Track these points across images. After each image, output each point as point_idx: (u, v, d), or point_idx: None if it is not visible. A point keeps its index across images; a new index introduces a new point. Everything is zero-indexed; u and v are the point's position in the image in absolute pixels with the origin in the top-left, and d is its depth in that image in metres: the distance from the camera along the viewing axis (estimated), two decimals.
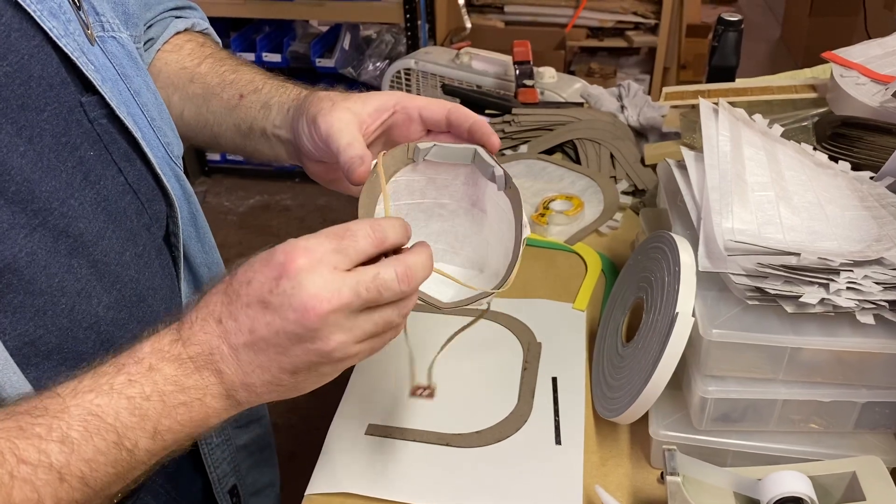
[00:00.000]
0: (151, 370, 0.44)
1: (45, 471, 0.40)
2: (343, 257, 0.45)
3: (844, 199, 0.70)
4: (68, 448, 0.41)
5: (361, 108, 0.59)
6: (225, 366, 0.45)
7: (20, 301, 0.48)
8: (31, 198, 0.48)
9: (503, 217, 0.59)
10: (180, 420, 0.45)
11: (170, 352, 0.45)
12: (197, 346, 0.45)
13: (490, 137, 0.58)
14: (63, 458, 0.40)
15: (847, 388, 0.60)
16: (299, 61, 2.60)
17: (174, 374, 0.45)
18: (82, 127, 0.52)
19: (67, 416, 0.41)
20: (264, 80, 0.69)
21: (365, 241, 0.46)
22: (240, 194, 2.87)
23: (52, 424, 0.41)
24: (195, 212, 0.65)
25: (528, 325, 0.81)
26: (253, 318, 0.45)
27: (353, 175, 0.55)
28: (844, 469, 0.58)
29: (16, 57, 0.47)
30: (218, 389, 0.46)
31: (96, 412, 0.42)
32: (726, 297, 0.61)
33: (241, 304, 0.45)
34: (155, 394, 0.44)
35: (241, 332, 0.45)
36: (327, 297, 0.43)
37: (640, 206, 0.99)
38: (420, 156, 0.59)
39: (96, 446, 0.42)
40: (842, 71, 0.95)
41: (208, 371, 0.45)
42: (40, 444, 0.40)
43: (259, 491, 0.78)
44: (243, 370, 0.45)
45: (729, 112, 0.76)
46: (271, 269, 0.45)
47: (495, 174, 0.58)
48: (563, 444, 0.67)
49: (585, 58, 2.73)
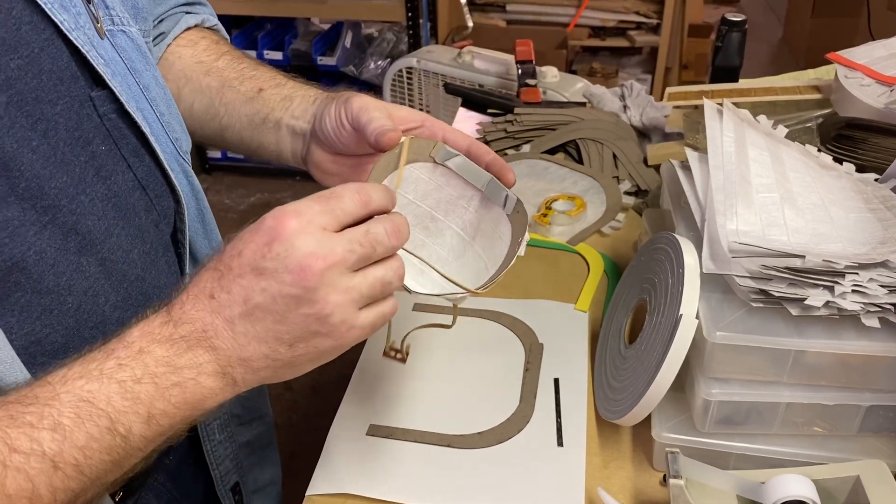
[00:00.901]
0: (142, 353, 0.43)
1: (37, 459, 0.39)
2: (331, 218, 0.45)
3: (849, 201, 0.70)
4: (60, 435, 0.40)
5: (394, 109, 0.61)
6: (219, 341, 0.44)
7: (27, 300, 0.47)
8: (40, 194, 0.47)
9: (495, 244, 0.59)
10: (174, 402, 0.43)
11: (160, 333, 0.44)
12: (189, 324, 0.44)
13: (507, 173, 0.59)
14: (56, 446, 0.40)
15: (851, 392, 0.60)
16: (301, 59, 2.60)
17: (165, 354, 0.44)
18: (92, 122, 0.52)
19: (58, 404, 0.41)
20: (287, 78, 0.70)
21: (351, 202, 0.47)
22: (240, 192, 2.87)
23: (43, 412, 0.40)
24: (203, 208, 0.65)
25: (530, 325, 0.80)
26: (247, 287, 0.44)
27: (383, 138, 0.55)
28: (848, 473, 0.57)
29: (27, 50, 0.47)
30: (212, 367, 0.44)
31: (87, 398, 0.41)
32: (730, 300, 0.61)
33: (234, 275, 0.44)
34: (146, 376, 0.43)
35: (236, 303, 0.44)
36: (322, 256, 0.44)
37: (642, 206, 0.98)
38: (443, 158, 0.60)
39: (89, 433, 0.41)
40: (846, 72, 0.95)
41: (201, 349, 0.44)
42: (32, 433, 0.39)
43: (261, 489, 0.78)
44: (239, 343, 0.44)
45: (733, 113, 0.76)
46: (262, 236, 0.44)
47: (508, 197, 0.59)
48: (565, 446, 0.67)
49: (587, 57, 2.73)
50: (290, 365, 0.46)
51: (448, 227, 0.61)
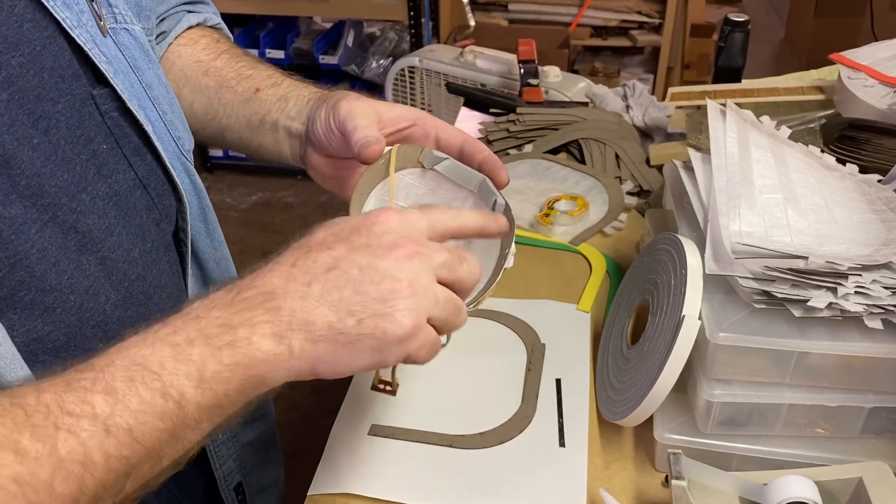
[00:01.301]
0: (198, 318, 0.43)
1: (89, 421, 0.38)
2: (428, 224, 0.48)
3: (852, 202, 0.70)
4: (112, 398, 0.39)
5: (385, 110, 0.60)
6: (286, 301, 0.43)
7: (30, 298, 0.47)
8: (41, 193, 0.47)
9: (489, 251, 0.58)
10: (227, 363, 0.41)
11: (222, 300, 0.44)
12: (255, 289, 0.44)
13: (500, 172, 0.59)
14: (108, 409, 0.39)
15: (854, 393, 0.60)
16: (303, 58, 2.60)
17: (222, 315, 0.43)
18: (94, 120, 0.52)
19: (112, 368, 0.40)
20: (284, 77, 0.69)
21: (451, 220, 0.50)
22: (242, 191, 2.87)
23: (98, 377, 0.40)
24: (205, 207, 0.65)
25: (532, 325, 0.80)
26: (336, 256, 0.45)
27: (366, 151, 0.55)
28: (851, 474, 0.57)
29: (28, 48, 0.47)
30: (270, 328, 0.43)
31: (140, 361, 0.40)
32: (733, 301, 0.61)
33: (325, 247, 0.45)
34: (200, 337, 0.42)
35: (319, 269, 0.44)
36: (416, 242, 0.46)
37: (645, 206, 0.98)
38: (431, 162, 0.59)
39: (141, 396, 0.39)
40: (849, 73, 0.95)
41: (262, 309, 0.43)
42: (84, 396, 0.39)
43: (264, 488, 0.78)
44: (309, 305, 0.43)
45: (736, 113, 0.76)
46: (363, 221, 0.47)
47: (497, 202, 0.58)
48: (567, 447, 0.67)
49: (589, 57, 2.73)
50: (352, 345, 0.44)
51: None
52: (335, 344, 0.44)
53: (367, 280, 0.44)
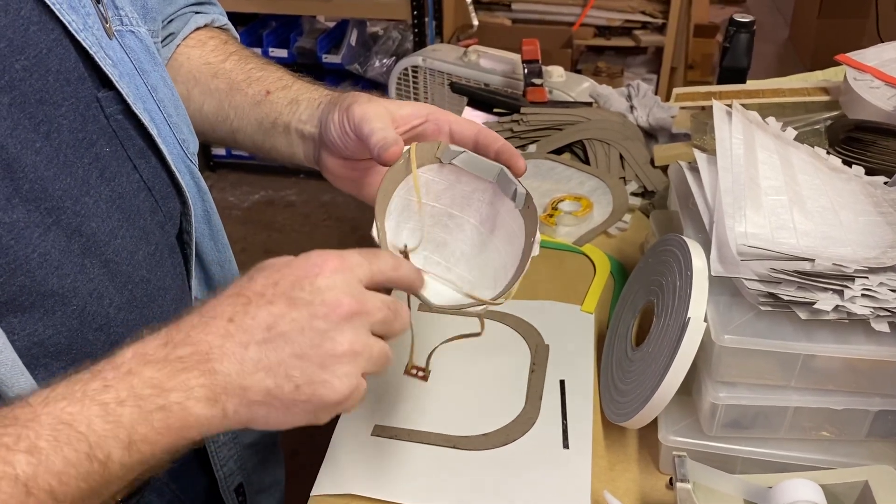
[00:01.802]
0: (130, 374, 0.41)
1: (10, 483, 0.37)
2: (367, 272, 0.47)
3: (858, 204, 0.69)
4: (36, 459, 0.38)
5: (396, 109, 0.60)
6: (222, 365, 0.42)
7: (31, 302, 0.47)
8: (44, 196, 0.47)
9: (513, 240, 0.58)
10: (157, 427, 0.41)
11: (154, 355, 0.42)
12: (191, 346, 0.43)
13: (517, 160, 0.58)
14: (30, 470, 0.38)
15: (860, 396, 0.60)
16: (306, 57, 2.59)
17: (155, 375, 0.42)
18: (98, 123, 0.52)
19: (37, 426, 0.39)
20: (294, 79, 0.69)
21: (391, 269, 0.49)
22: (244, 189, 2.87)
23: (21, 434, 0.39)
24: (209, 209, 0.65)
25: (535, 326, 0.80)
26: (276, 314, 0.43)
27: (385, 154, 0.55)
28: (856, 478, 0.57)
29: (34, 50, 0.47)
30: (204, 392, 0.42)
31: (67, 420, 0.39)
32: (739, 303, 0.61)
33: (264, 301, 0.44)
34: (131, 398, 0.41)
35: (258, 328, 0.43)
36: (357, 300, 0.45)
37: (649, 207, 0.98)
38: (448, 157, 0.59)
39: (66, 457, 0.39)
40: (855, 74, 0.94)
41: (197, 371, 0.42)
42: (7, 455, 0.38)
43: (264, 489, 0.77)
44: (245, 369, 0.42)
45: (742, 114, 0.75)
46: (305, 269, 0.45)
47: (517, 192, 0.58)
48: (571, 448, 0.67)
49: (592, 57, 2.72)
50: (287, 409, 0.44)
51: (466, 221, 0.61)
52: (270, 407, 0.44)
53: (306, 343, 0.43)
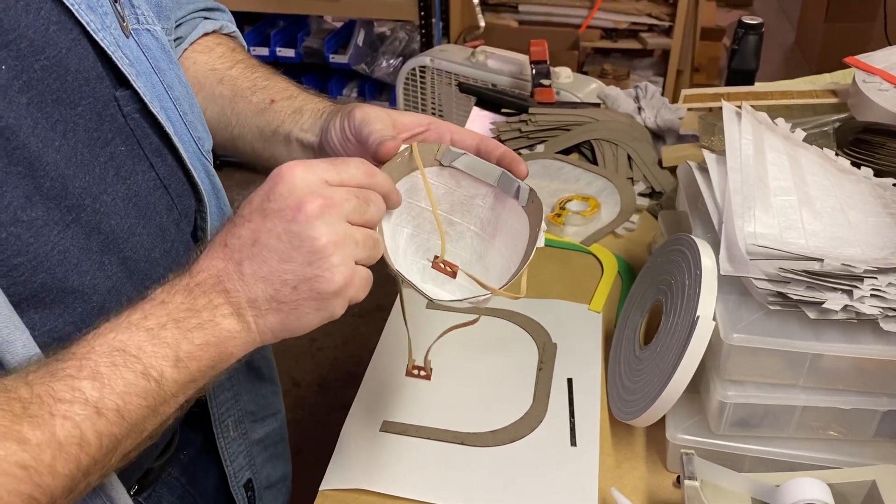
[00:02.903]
0: (164, 303, 0.46)
1: (81, 406, 0.41)
2: (335, 174, 0.48)
3: (867, 205, 0.70)
4: (99, 383, 0.42)
5: (398, 116, 0.61)
6: (230, 283, 0.46)
7: (52, 298, 0.48)
8: (64, 194, 0.48)
9: (516, 240, 0.58)
10: (198, 343, 0.45)
11: (179, 284, 0.47)
12: (203, 272, 0.47)
13: (519, 165, 0.59)
14: (97, 393, 0.42)
15: (868, 396, 0.60)
16: (313, 57, 2.60)
17: (184, 301, 0.46)
18: (115, 122, 0.52)
19: (94, 355, 0.43)
20: (299, 90, 0.70)
21: (356, 169, 0.49)
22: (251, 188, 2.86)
23: (82, 364, 0.42)
24: (223, 206, 0.65)
25: (543, 325, 0.80)
26: (255, 229, 0.46)
27: (382, 147, 0.56)
28: (864, 477, 0.57)
29: (54, 51, 0.47)
30: (227, 309, 0.46)
31: (120, 347, 0.43)
32: (747, 302, 0.61)
33: (244, 220, 0.47)
34: (170, 321, 0.45)
35: (245, 246, 0.46)
36: (321, 195, 0.46)
37: (656, 208, 0.98)
38: (449, 159, 0.59)
39: (125, 378, 0.43)
40: (864, 77, 0.95)
41: (215, 292, 0.46)
42: (73, 383, 0.41)
43: (272, 485, 0.78)
44: (247, 284, 0.46)
45: (752, 115, 0.76)
46: (269, 182, 0.47)
47: (520, 188, 0.58)
48: (579, 446, 0.67)
49: (599, 59, 2.72)
50: (296, 310, 0.47)
51: (467, 228, 0.61)
52: (280, 313, 0.47)
53: (288, 246, 0.46)
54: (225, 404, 0.68)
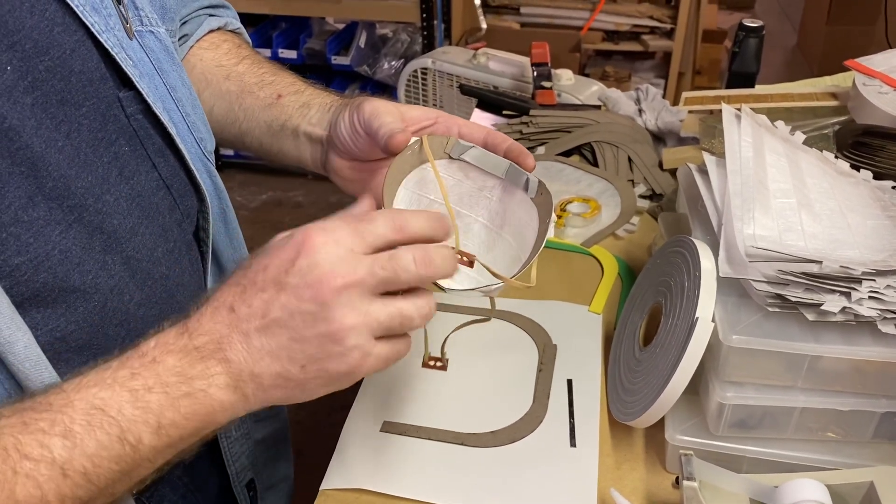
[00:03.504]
0: (155, 362, 0.43)
1: (47, 466, 0.39)
2: (360, 240, 0.45)
3: (866, 207, 0.70)
4: (71, 442, 0.40)
5: (407, 109, 0.61)
6: (233, 353, 0.44)
7: (54, 297, 0.48)
8: (67, 194, 0.48)
9: (524, 231, 0.59)
10: (184, 413, 0.43)
11: (175, 344, 0.44)
12: (204, 335, 0.44)
13: (526, 158, 0.59)
14: (66, 453, 0.40)
15: (866, 398, 0.60)
16: (315, 58, 2.60)
17: (178, 364, 0.43)
18: (119, 122, 0.53)
19: (71, 410, 0.41)
20: (306, 85, 0.70)
21: (383, 226, 0.46)
22: (252, 190, 2.88)
23: (56, 419, 0.40)
24: (225, 207, 0.66)
25: (543, 326, 0.81)
26: (268, 301, 0.44)
27: (393, 140, 0.55)
28: (862, 479, 0.57)
29: (58, 52, 0.48)
30: (224, 380, 0.44)
31: (99, 405, 0.41)
32: (746, 304, 0.61)
33: (256, 289, 0.44)
34: (158, 385, 0.43)
35: (255, 316, 0.44)
36: (342, 274, 0.43)
37: (657, 210, 0.98)
38: (458, 152, 0.59)
39: (99, 441, 0.41)
40: (864, 79, 0.95)
41: (214, 360, 0.44)
42: (43, 439, 0.40)
43: (274, 485, 0.78)
44: (253, 358, 0.44)
45: (751, 118, 0.76)
46: (288, 252, 0.44)
47: (529, 181, 0.58)
48: (578, 447, 0.67)
49: (600, 61, 2.73)
50: (301, 387, 0.45)
51: (475, 220, 0.61)
52: (285, 389, 0.45)
53: (301, 325, 0.43)
54: None
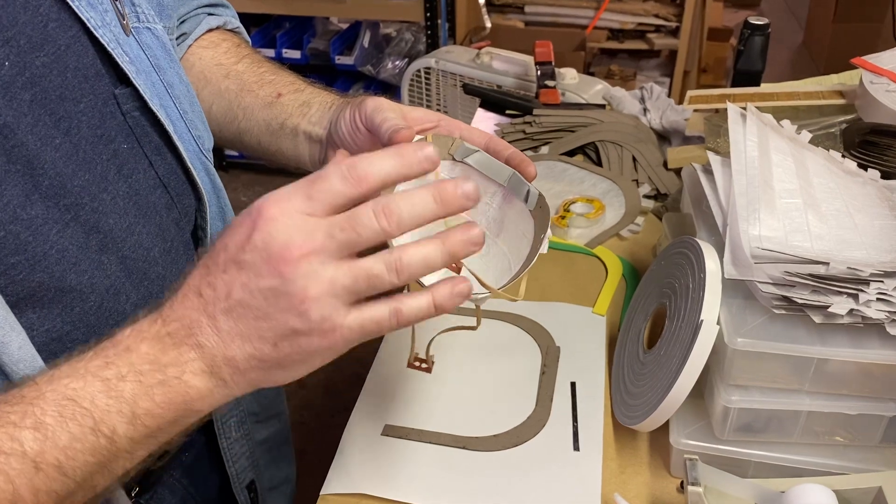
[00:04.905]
0: (128, 351, 0.42)
1: (18, 459, 0.38)
2: (315, 202, 0.41)
3: (874, 207, 0.69)
4: (42, 434, 0.39)
5: (409, 110, 0.60)
6: (204, 338, 0.42)
7: (50, 297, 0.48)
8: (63, 192, 0.47)
9: (520, 242, 0.58)
10: (159, 401, 0.41)
11: (148, 331, 0.43)
12: (176, 321, 0.43)
13: (528, 166, 0.58)
14: (37, 446, 0.38)
15: (874, 402, 0.59)
16: (319, 58, 2.60)
17: (150, 351, 0.42)
18: (116, 119, 0.52)
19: (42, 402, 0.40)
20: (306, 83, 0.69)
21: (339, 182, 0.41)
22: (257, 189, 2.88)
23: (27, 411, 0.39)
24: (224, 206, 0.65)
25: (546, 328, 0.80)
26: (229, 282, 0.42)
27: (397, 136, 0.53)
28: (870, 484, 0.57)
29: (53, 48, 0.47)
30: (198, 365, 0.42)
31: (71, 396, 0.40)
32: (752, 306, 0.60)
33: (219, 270, 0.42)
34: (131, 373, 0.41)
35: (219, 299, 0.42)
36: (299, 244, 0.40)
37: (661, 210, 0.98)
38: (462, 155, 0.59)
39: (72, 432, 0.39)
40: (872, 77, 0.94)
41: (187, 346, 0.42)
42: (13, 432, 0.38)
43: (275, 486, 0.78)
44: (224, 341, 0.42)
45: (757, 117, 0.75)
46: (245, 228, 0.42)
47: (530, 192, 0.57)
48: (582, 451, 0.66)
49: (605, 59, 2.72)
50: (279, 366, 0.43)
51: None
52: (262, 370, 0.43)
53: (263, 303, 0.41)
54: (227, 405, 0.68)
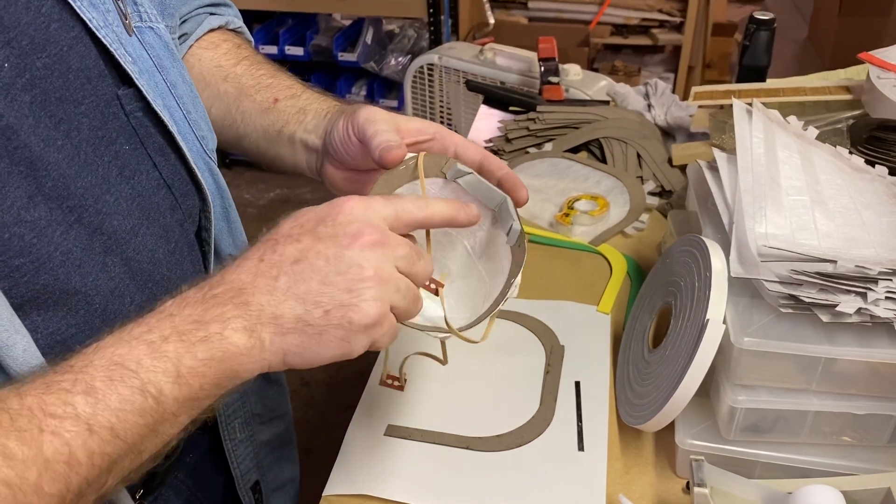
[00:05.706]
0: (171, 316, 0.44)
1: (72, 422, 0.39)
2: (391, 212, 0.48)
3: (882, 204, 0.68)
4: (93, 398, 0.40)
5: (403, 121, 0.60)
6: (254, 297, 0.44)
7: (54, 300, 0.47)
8: (66, 194, 0.47)
9: (499, 275, 0.57)
10: (202, 358, 0.43)
11: (193, 297, 0.44)
12: (225, 285, 0.45)
13: (520, 191, 0.58)
14: (90, 409, 0.40)
15: (883, 401, 0.59)
16: (322, 55, 2.60)
17: (194, 312, 0.44)
18: (118, 120, 0.52)
19: (91, 369, 0.41)
20: (304, 88, 0.69)
21: (410, 203, 0.49)
22: (260, 187, 2.88)
23: (77, 378, 0.40)
24: (228, 206, 0.65)
25: (550, 327, 0.79)
26: (302, 248, 0.45)
27: (388, 155, 0.55)
28: (878, 484, 0.56)
29: (55, 48, 0.47)
30: (240, 323, 0.44)
31: (118, 361, 0.41)
32: (759, 305, 0.60)
33: (292, 240, 0.46)
34: (174, 334, 0.43)
35: (286, 262, 0.45)
36: (379, 231, 0.46)
37: (666, 207, 0.97)
38: (453, 175, 0.57)
39: (121, 394, 0.41)
40: (879, 72, 0.93)
41: (231, 305, 0.44)
42: (66, 398, 0.39)
43: (280, 487, 0.77)
44: (276, 299, 0.44)
45: (763, 113, 0.74)
46: (324, 209, 0.47)
47: (512, 227, 0.56)
48: (586, 451, 0.66)
49: (609, 55, 2.70)
50: (318, 336, 0.45)
51: (459, 241, 0.60)
52: (304, 335, 0.45)
53: (333, 270, 0.45)
54: (231, 406, 0.68)
